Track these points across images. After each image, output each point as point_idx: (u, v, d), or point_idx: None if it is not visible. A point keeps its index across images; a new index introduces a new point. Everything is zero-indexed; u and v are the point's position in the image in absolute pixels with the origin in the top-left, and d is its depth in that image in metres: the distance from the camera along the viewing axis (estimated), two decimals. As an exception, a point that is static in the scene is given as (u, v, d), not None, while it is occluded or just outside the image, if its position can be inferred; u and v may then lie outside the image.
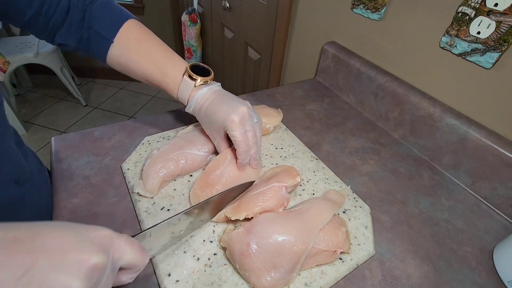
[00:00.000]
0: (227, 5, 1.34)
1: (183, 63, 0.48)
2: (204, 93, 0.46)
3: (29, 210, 0.40)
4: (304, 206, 0.41)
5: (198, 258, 0.38)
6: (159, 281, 0.36)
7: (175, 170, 0.45)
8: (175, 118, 0.62)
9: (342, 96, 0.79)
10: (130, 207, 0.44)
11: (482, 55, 0.51)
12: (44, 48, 1.92)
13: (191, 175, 0.49)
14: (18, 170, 0.39)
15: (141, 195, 0.44)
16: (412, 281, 0.40)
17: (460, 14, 0.52)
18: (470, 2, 0.50)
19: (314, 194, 0.48)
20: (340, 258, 0.40)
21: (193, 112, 0.48)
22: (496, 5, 0.47)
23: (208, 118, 0.45)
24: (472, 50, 0.52)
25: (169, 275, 0.36)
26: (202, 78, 0.45)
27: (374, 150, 0.62)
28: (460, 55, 0.54)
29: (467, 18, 0.51)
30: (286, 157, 0.55)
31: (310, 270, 0.38)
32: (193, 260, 0.38)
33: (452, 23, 0.54)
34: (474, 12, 0.50)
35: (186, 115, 0.49)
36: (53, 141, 0.54)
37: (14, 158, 0.39)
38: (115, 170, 0.49)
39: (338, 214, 0.46)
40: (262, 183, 0.43)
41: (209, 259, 0.38)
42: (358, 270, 0.40)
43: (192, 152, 0.47)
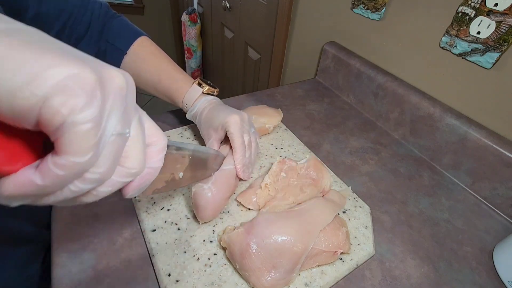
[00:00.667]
0: (227, 5, 1.34)
1: (190, 77, 0.52)
2: (209, 99, 0.50)
3: (29, 205, 0.40)
4: (305, 207, 0.41)
5: (198, 258, 0.38)
6: (159, 281, 0.36)
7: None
8: (175, 118, 0.62)
9: (342, 96, 0.79)
10: (130, 207, 0.44)
11: (482, 55, 0.51)
12: (44, 48, 1.92)
13: (191, 175, 0.49)
14: None
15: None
16: (412, 281, 0.40)
17: (460, 14, 0.52)
18: (470, 2, 0.50)
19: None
20: (340, 258, 0.40)
21: (194, 115, 0.50)
22: (496, 5, 0.47)
23: (208, 118, 0.47)
24: (472, 50, 0.52)
25: (169, 275, 0.36)
26: (210, 87, 0.50)
27: (374, 150, 0.62)
28: (460, 55, 0.54)
29: (467, 18, 0.51)
30: (286, 157, 0.55)
31: (310, 270, 0.38)
32: (193, 260, 0.38)
33: (452, 23, 0.54)
34: (474, 12, 0.50)
35: (185, 115, 0.50)
36: (53, 141, 0.54)
37: None
38: (115, 170, 0.49)
39: (338, 214, 0.46)
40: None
41: (209, 259, 0.38)
42: (358, 270, 0.40)
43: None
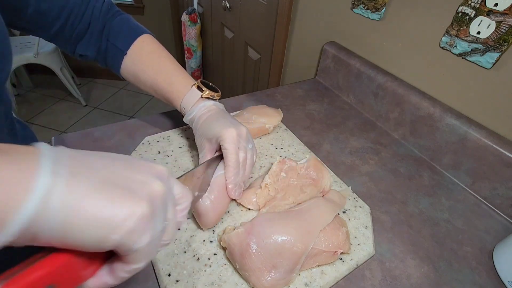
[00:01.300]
0: (227, 5, 1.34)
1: (191, 78, 0.49)
2: (209, 105, 0.46)
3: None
4: (305, 207, 0.41)
5: (198, 258, 0.38)
6: (159, 281, 0.36)
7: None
8: (175, 118, 0.62)
9: (342, 96, 0.79)
10: (130, 207, 0.44)
11: (482, 55, 0.51)
12: (44, 48, 1.92)
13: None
14: None
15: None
16: (412, 281, 0.40)
17: (460, 14, 0.52)
18: (470, 2, 0.50)
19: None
20: (340, 258, 0.40)
21: (191, 120, 0.47)
22: (496, 5, 0.47)
23: (204, 127, 0.44)
24: (472, 50, 0.52)
25: (169, 275, 0.36)
26: (210, 92, 0.47)
27: (374, 150, 0.62)
28: (460, 55, 0.54)
29: (467, 18, 0.51)
30: (286, 157, 0.55)
31: (310, 270, 0.38)
32: (193, 260, 0.38)
33: (452, 23, 0.54)
34: (474, 12, 0.50)
35: (182, 117, 0.50)
36: (53, 141, 0.54)
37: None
38: (115, 170, 0.49)
39: (338, 214, 0.46)
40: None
41: (209, 259, 0.38)
42: (358, 270, 0.40)
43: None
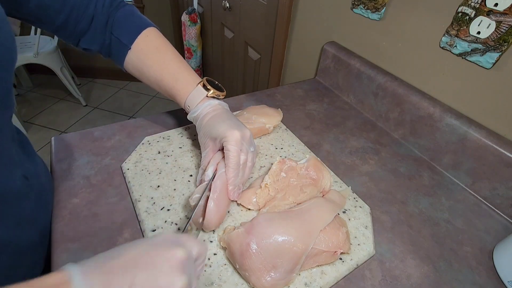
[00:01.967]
0: (227, 5, 1.34)
1: (196, 76, 0.49)
2: (214, 104, 0.46)
3: (34, 202, 0.40)
4: (305, 207, 0.41)
5: (198, 258, 0.38)
6: (159, 281, 0.36)
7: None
8: (175, 118, 0.62)
9: (342, 96, 0.79)
10: (130, 207, 0.44)
11: (482, 55, 0.51)
12: (44, 48, 1.92)
13: (191, 175, 0.49)
14: (26, 166, 0.40)
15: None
16: (412, 281, 0.40)
17: (460, 14, 0.52)
18: (470, 2, 0.50)
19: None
20: (340, 258, 0.40)
21: (195, 118, 0.47)
22: (496, 5, 0.47)
23: (209, 126, 0.44)
24: (472, 50, 0.52)
25: (169, 275, 0.36)
26: (215, 91, 0.47)
27: (374, 150, 0.62)
28: (460, 55, 0.54)
29: (467, 18, 0.51)
30: (286, 157, 0.55)
31: (310, 270, 0.38)
32: (193, 260, 0.37)
33: (452, 23, 0.54)
34: (474, 12, 0.50)
35: (185, 115, 0.50)
36: (53, 141, 0.54)
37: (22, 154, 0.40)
38: (115, 170, 0.49)
39: (338, 214, 0.46)
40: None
41: (209, 259, 0.38)
42: (358, 270, 0.40)
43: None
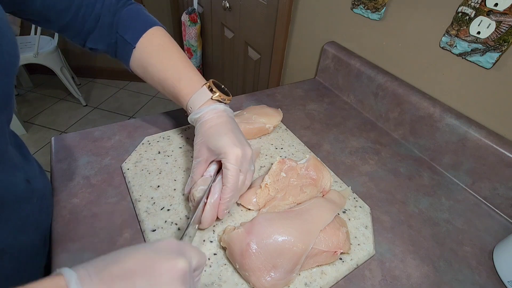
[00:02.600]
0: (227, 5, 1.34)
1: (202, 77, 0.47)
2: (219, 109, 0.44)
3: (36, 206, 0.40)
4: (305, 207, 0.41)
5: (198, 258, 0.38)
6: (159, 281, 0.36)
7: None
8: (175, 118, 0.62)
9: (342, 96, 0.79)
10: (130, 207, 0.44)
11: (482, 55, 0.51)
12: (44, 48, 1.92)
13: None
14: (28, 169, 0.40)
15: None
16: (412, 281, 0.40)
17: (460, 14, 0.52)
18: (470, 2, 0.50)
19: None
20: (340, 258, 0.40)
21: (196, 120, 0.45)
22: (496, 5, 0.47)
23: (210, 134, 0.42)
24: (472, 50, 0.52)
25: (169, 275, 0.36)
26: (221, 94, 0.45)
27: (374, 150, 0.62)
28: (460, 55, 0.54)
29: (467, 18, 0.51)
30: (286, 157, 0.55)
31: (310, 270, 0.38)
32: (193, 260, 0.37)
33: (452, 23, 0.54)
34: (474, 12, 0.50)
35: (185, 115, 0.49)
36: (53, 141, 0.54)
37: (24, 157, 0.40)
38: (115, 170, 0.49)
39: (338, 214, 0.46)
40: None
41: (209, 259, 0.38)
42: (358, 270, 0.40)
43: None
